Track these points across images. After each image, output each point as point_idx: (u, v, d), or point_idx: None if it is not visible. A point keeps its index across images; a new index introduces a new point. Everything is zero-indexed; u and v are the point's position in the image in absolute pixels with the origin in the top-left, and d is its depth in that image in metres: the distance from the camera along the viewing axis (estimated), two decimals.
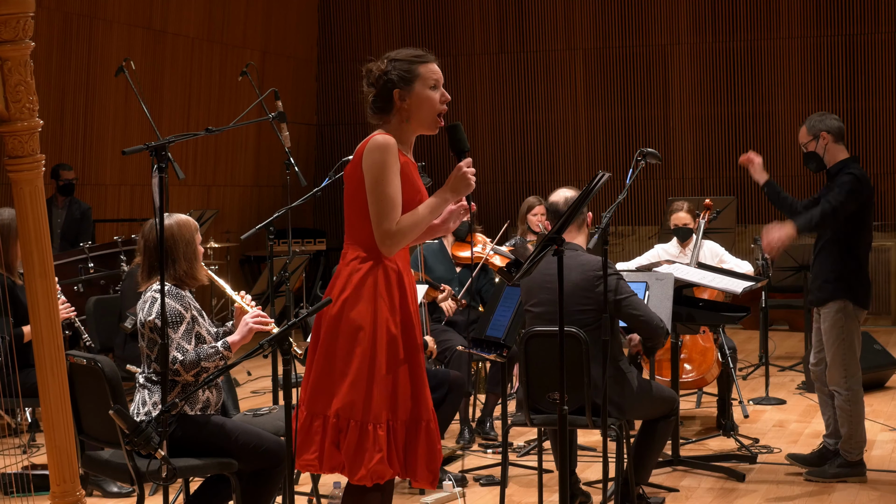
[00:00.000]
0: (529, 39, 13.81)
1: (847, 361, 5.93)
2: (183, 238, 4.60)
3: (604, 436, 4.99)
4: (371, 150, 3.67)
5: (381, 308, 3.69)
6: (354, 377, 3.66)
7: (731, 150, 13.18)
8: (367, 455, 3.64)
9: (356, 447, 3.65)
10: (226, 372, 4.04)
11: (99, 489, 5.91)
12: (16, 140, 3.51)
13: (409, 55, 3.77)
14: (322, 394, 3.70)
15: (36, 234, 3.55)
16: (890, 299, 12.52)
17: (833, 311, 5.94)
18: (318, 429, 3.69)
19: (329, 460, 3.69)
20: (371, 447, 3.64)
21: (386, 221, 3.64)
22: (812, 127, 6.06)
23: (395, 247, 3.68)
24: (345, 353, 3.68)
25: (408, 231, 3.67)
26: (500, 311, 5.57)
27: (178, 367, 4.40)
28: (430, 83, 3.75)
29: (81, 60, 10.63)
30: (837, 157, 6.02)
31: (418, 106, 3.74)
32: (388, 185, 3.64)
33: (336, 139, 14.54)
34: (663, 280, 5.80)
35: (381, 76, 3.74)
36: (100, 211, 10.74)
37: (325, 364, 3.71)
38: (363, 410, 3.65)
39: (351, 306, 3.68)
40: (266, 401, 8.39)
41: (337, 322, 3.70)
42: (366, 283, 3.69)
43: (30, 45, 3.50)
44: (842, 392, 5.94)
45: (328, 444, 3.67)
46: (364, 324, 3.67)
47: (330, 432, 3.67)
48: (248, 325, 4.55)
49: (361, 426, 3.65)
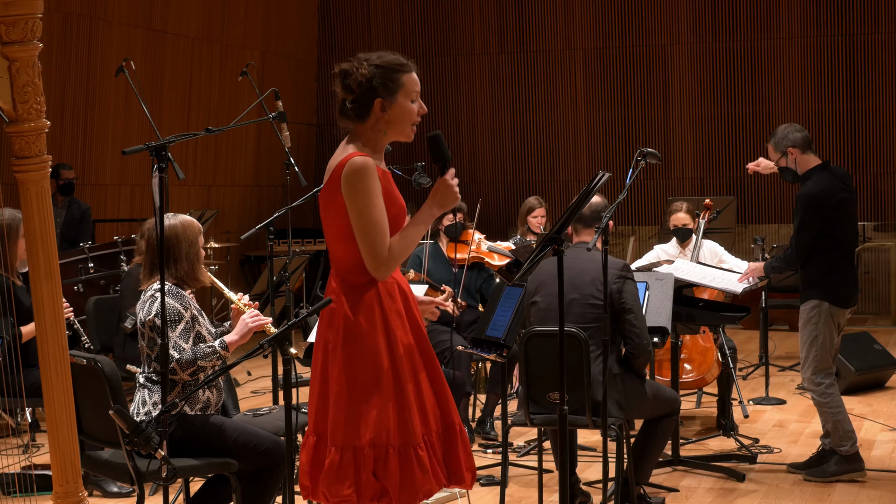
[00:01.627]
0: (529, 39, 13.81)
1: (818, 359, 6.00)
2: (186, 239, 4.60)
3: (604, 436, 4.98)
4: (350, 175, 3.51)
5: (392, 323, 3.57)
6: (382, 404, 3.53)
7: (731, 150, 13.19)
8: (416, 479, 3.54)
9: (401, 474, 3.54)
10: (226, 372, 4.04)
11: (99, 489, 5.91)
12: (23, 140, 3.52)
13: (392, 62, 3.61)
14: (348, 426, 3.55)
15: (42, 235, 3.56)
16: (890, 299, 12.51)
17: (807, 310, 6.04)
18: (349, 462, 3.53)
19: (367, 492, 3.54)
20: (417, 470, 3.54)
21: (378, 249, 3.50)
22: (777, 144, 6.17)
23: (389, 272, 3.55)
24: (365, 381, 3.54)
25: (400, 255, 3.55)
26: (500, 311, 5.56)
27: (175, 365, 4.40)
28: (412, 96, 3.62)
29: (81, 60, 10.63)
30: (809, 165, 6.14)
31: (399, 118, 3.61)
32: (374, 212, 3.50)
33: (336, 139, 14.40)
34: (663, 280, 5.81)
35: (364, 82, 3.58)
36: (100, 211, 10.74)
37: (347, 395, 3.56)
38: (399, 435, 3.54)
39: (363, 331, 3.55)
40: (266, 401, 8.39)
41: (351, 349, 3.56)
42: (369, 303, 3.56)
43: (38, 47, 3.51)
44: (813, 388, 6.02)
45: (365, 476, 3.53)
46: (380, 346, 3.54)
47: (367, 463, 3.53)
48: (246, 325, 4.55)
49: (401, 452, 3.54)
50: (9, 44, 3.46)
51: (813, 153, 6.14)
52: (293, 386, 3.72)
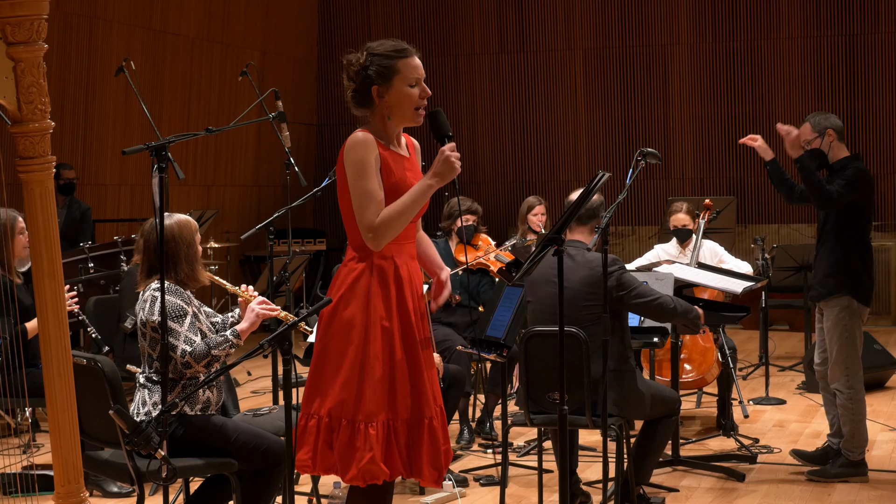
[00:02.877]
0: (529, 39, 13.81)
1: (849, 360, 5.93)
2: (184, 240, 4.60)
3: (604, 436, 4.98)
4: (348, 148, 3.67)
5: (375, 305, 3.68)
6: (346, 376, 3.66)
7: (731, 150, 13.18)
8: (357, 454, 3.63)
9: (347, 446, 3.65)
10: (226, 372, 4.04)
11: (99, 489, 5.91)
12: (27, 141, 3.52)
13: (389, 49, 3.71)
14: (316, 394, 3.72)
15: (45, 235, 3.56)
16: (890, 299, 12.52)
17: (836, 308, 5.94)
18: (312, 429, 3.69)
19: (323, 461, 3.70)
20: (362, 446, 3.63)
21: (367, 215, 3.63)
22: (817, 124, 6.06)
23: (380, 240, 3.64)
24: (337, 352, 3.68)
25: (391, 222, 3.63)
26: (500, 311, 5.56)
27: (189, 358, 4.38)
28: (410, 81, 3.70)
29: (81, 60, 10.63)
30: (840, 155, 6.05)
31: (397, 103, 3.71)
32: (365, 180, 3.62)
33: (336, 139, 14.53)
34: (663, 280, 5.81)
35: (360, 71, 3.70)
36: (100, 211, 10.73)
37: (320, 364, 3.72)
38: (354, 409, 3.65)
39: (344, 306, 3.70)
40: (266, 401, 8.39)
41: (330, 322, 3.72)
42: (359, 281, 3.70)
43: (43, 48, 3.51)
44: (843, 391, 5.93)
45: (321, 443, 3.68)
46: (356, 322, 3.67)
47: (323, 432, 3.67)
48: (255, 312, 4.55)
49: (352, 425, 3.65)
50: (14, 44, 3.47)
51: (845, 146, 6.10)
52: (293, 386, 3.74)
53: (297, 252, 10.66)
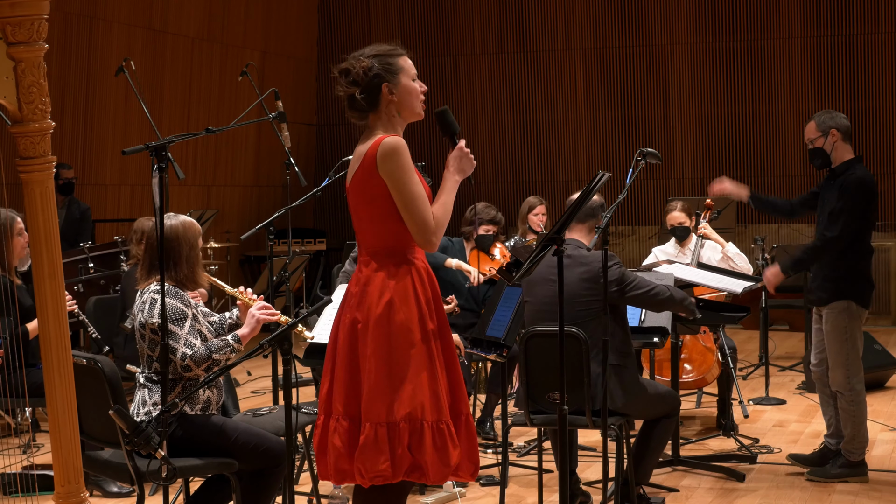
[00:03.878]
0: (529, 39, 13.81)
1: (850, 362, 5.92)
2: (187, 241, 4.60)
3: (604, 436, 4.98)
4: (387, 154, 3.66)
5: (423, 305, 3.72)
6: (417, 380, 3.65)
7: (731, 150, 13.19)
8: (448, 453, 3.67)
9: (436, 449, 3.66)
10: (226, 372, 4.04)
11: (99, 489, 5.91)
12: (28, 141, 3.52)
13: (387, 50, 3.81)
14: (382, 401, 3.65)
15: (46, 235, 3.56)
16: (890, 299, 12.52)
17: (836, 311, 5.92)
18: (384, 436, 3.63)
19: (401, 467, 3.65)
20: (450, 445, 3.67)
21: (427, 219, 3.67)
22: (822, 123, 6.02)
23: (438, 240, 3.73)
24: (400, 356, 3.66)
25: (443, 223, 3.72)
26: (500, 311, 5.56)
27: (189, 361, 4.39)
28: (412, 75, 3.81)
29: (81, 60, 10.63)
30: (844, 157, 6.00)
31: (407, 96, 3.78)
32: (414, 185, 3.67)
33: (336, 139, 14.54)
34: (663, 280, 5.80)
35: (367, 72, 3.74)
36: (100, 211, 10.74)
37: (383, 370, 3.66)
38: (433, 411, 3.66)
39: (398, 309, 3.68)
40: (266, 401, 8.39)
41: (387, 327, 3.67)
42: (405, 284, 3.70)
43: (43, 48, 3.52)
44: (845, 393, 5.93)
45: (400, 450, 3.63)
46: (413, 324, 3.68)
47: (402, 438, 3.63)
48: (255, 317, 4.56)
49: (434, 427, 3.66)
50: (15, 44, 3.47)
51: (850, 146, 6.07)
52: (293, 386, 3.74)
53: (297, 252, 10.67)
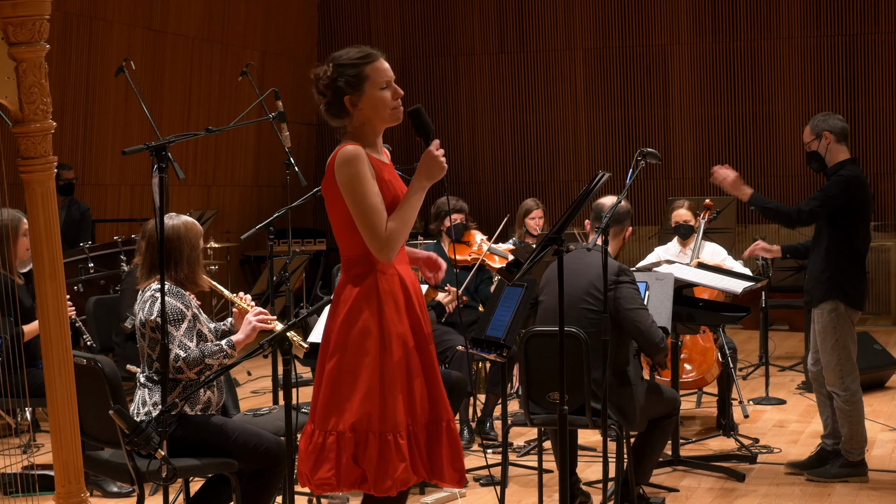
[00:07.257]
0: (529, 39, 13.81)
1: (843, 363, 5.93)
2: (189, 241, 4.60)
3: (604, 436, 4.98)
4: (340, 164, 3.62)
5: (387, 312, 3.64)
6: (367, 389, 3.60)
7: (731, 150, 13.19)
8: (391, 466, 3.59)
9: (378, 459, 3.59)
10: (226, 372, 4.04)
11: (99, 489, 5.91)
12: (29, 141, 3.52)
13: (354, 58, 3.70)
14: (334, 410, 3.63)
15: (47, 236, 3.56)
16: (890, 299, 12.51)
17: (825, 311, 5.94)
18: (332, 446, 3.61)
19: (347, 476, 3.61)
20: (395, 457, 3.59)
21: (376, 231, 3.59)
22: (815, 126, 6.05)
23: (392, 252, 3.62)
24: (353, 365, 3.62)
25: (399, 232, 3.62)
26: (500, 311, 5.56)
27: (181, 364, 4.39)
28: (381, 84, 3.69)
29: (81, 60, 10.62)
30: (837, 158, 6.01)
31: (373, 108, 3.69)
32: (367, 196, 3.59)
33: (336, 139, 14.44)
34: (663, 280, 5.80)
35: (330, 84, 3.69)
36: (100, 211, 10.73)
37: (336, 379, 3.64)
38: (380, 421, 3.60)
39: (356, 317, 3.64)
40: (266, 401, 8.39)
41: (344, 335, 3.65)
42: (367, 291, 3.65)
43: (45, 48, 3.51)
44: (840, 393, 5.94)
45: (346, 460, 3.60)
46: (371, 332, 3.62)
47: (347, 447, 3.60)
48: (251, 324, 4.55)
49: (381, 437, 3.60)
50: (16, 45, 3.47)
51: (846, 147, 6.05)
52: (293, 386, 3.74)
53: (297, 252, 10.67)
